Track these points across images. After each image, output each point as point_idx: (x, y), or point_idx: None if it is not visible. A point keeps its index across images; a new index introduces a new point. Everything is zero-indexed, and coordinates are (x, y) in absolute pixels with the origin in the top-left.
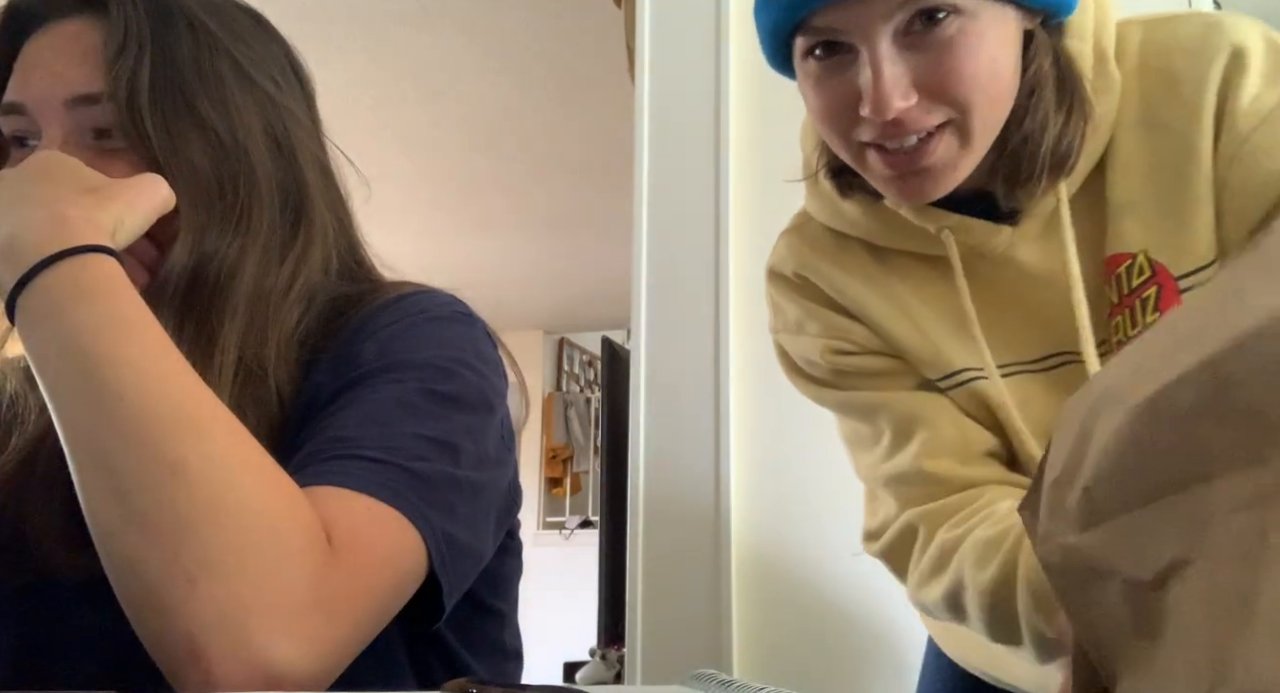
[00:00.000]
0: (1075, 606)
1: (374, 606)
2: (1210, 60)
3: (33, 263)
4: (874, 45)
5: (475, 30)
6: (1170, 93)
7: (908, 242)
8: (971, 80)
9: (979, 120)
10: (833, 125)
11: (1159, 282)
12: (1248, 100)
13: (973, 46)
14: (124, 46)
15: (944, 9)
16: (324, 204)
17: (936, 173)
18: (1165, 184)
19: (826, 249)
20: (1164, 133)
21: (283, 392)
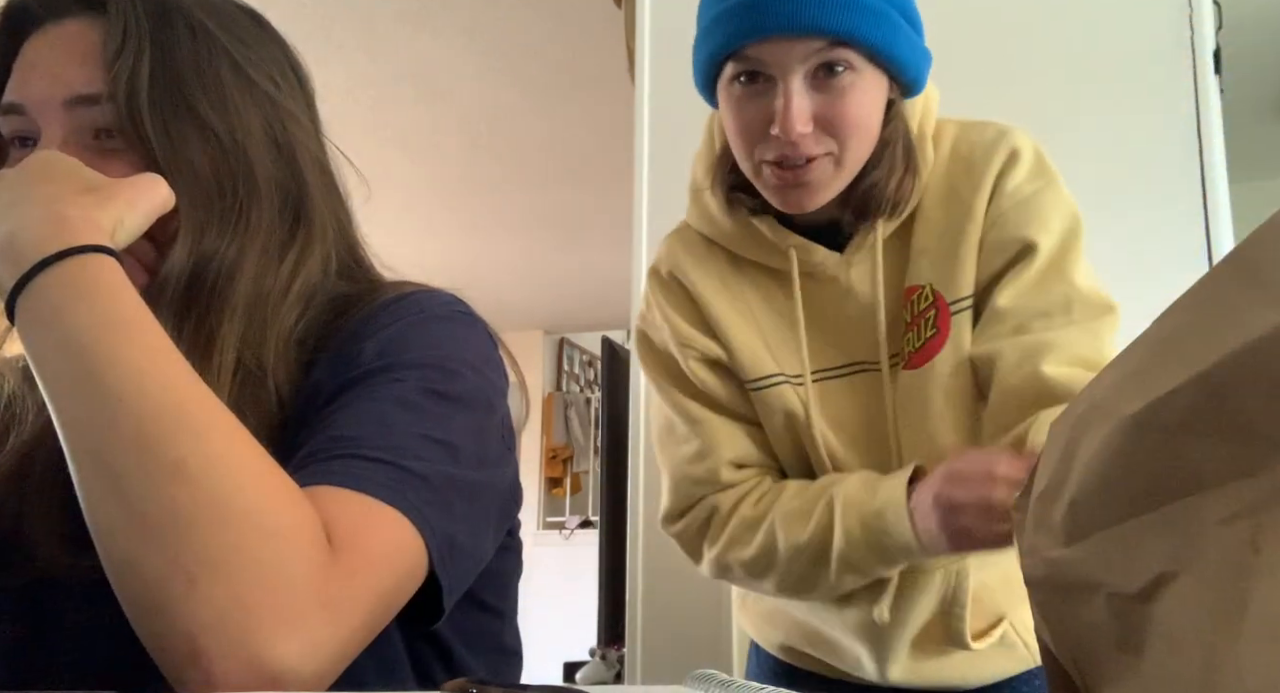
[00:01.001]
0: (1057, 619)
1: (374, 605)
2: (995, 153)
3: (33, 263)
4: (789, 79)
5: (475, 30)
6: (967, 175)
7: (760, 254)
8: (853, 122)
9: (851, 154)
10: (744, 139)
11: (937, 306)
12: (1013, 186)
13: (857, 98)
14: (123, 47)
15: (842, 64)
16: (323, 204)
17: (814, 189)
18: (950, 237)
19: (696, 252)
20: (957, 202)
21: (282, 392)
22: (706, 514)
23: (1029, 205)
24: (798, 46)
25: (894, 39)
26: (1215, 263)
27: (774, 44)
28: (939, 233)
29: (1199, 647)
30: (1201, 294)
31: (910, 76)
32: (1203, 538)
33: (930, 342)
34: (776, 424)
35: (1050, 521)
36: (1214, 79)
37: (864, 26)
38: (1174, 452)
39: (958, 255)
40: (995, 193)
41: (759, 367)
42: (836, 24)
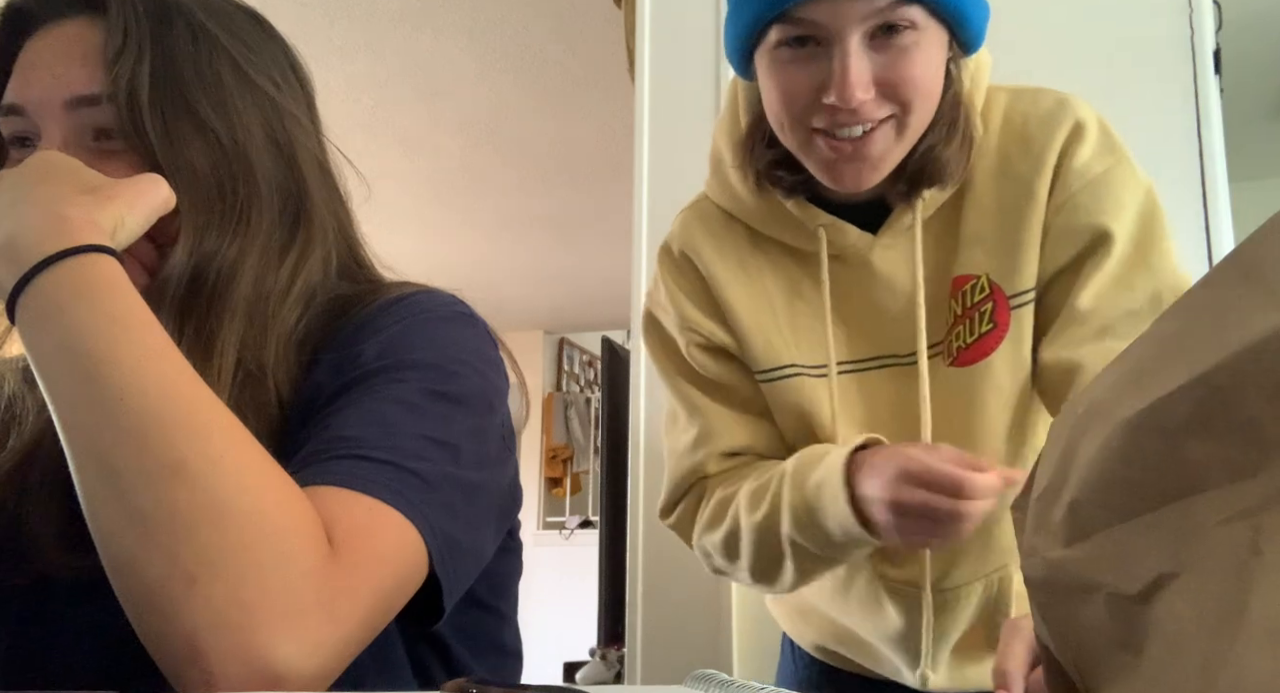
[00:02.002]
0: (1056, 620)
1: (375, 605)
2: (1057, 126)
3: (33, 263)
4: (846, 42)
5: (475, 30)
6: (1024, 150)
7: (785, 233)
8: (918, 84)
9: (916, 119)
10: (790, 108)
11: (994, 299)
12: (1080, 164)
13: (921, 58)
14: (124, 48)
15: (906, 23)
16: (323, 204)
17: (874, 162)
18: (1009, 222)
19: (713, 228)
20: (1013, 182)
21: (282, 392)
22: (695, 501)
23: (1100, 186)
24: (857, 4)
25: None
26: (1215, 263)
27: (828, 3)
28: (993, 216)
29: (1199, 647)
30: (1202, 294)
31: (973, 32)
32: (1203, 539)
33: (986, 337)
34: (789, 417)
35: (1050, 521)
36: (1214, 79)
37: None
38: (1174, 453)
39: (1018, 243)
40: (1060, 172)
41: (772, 356)
42: None
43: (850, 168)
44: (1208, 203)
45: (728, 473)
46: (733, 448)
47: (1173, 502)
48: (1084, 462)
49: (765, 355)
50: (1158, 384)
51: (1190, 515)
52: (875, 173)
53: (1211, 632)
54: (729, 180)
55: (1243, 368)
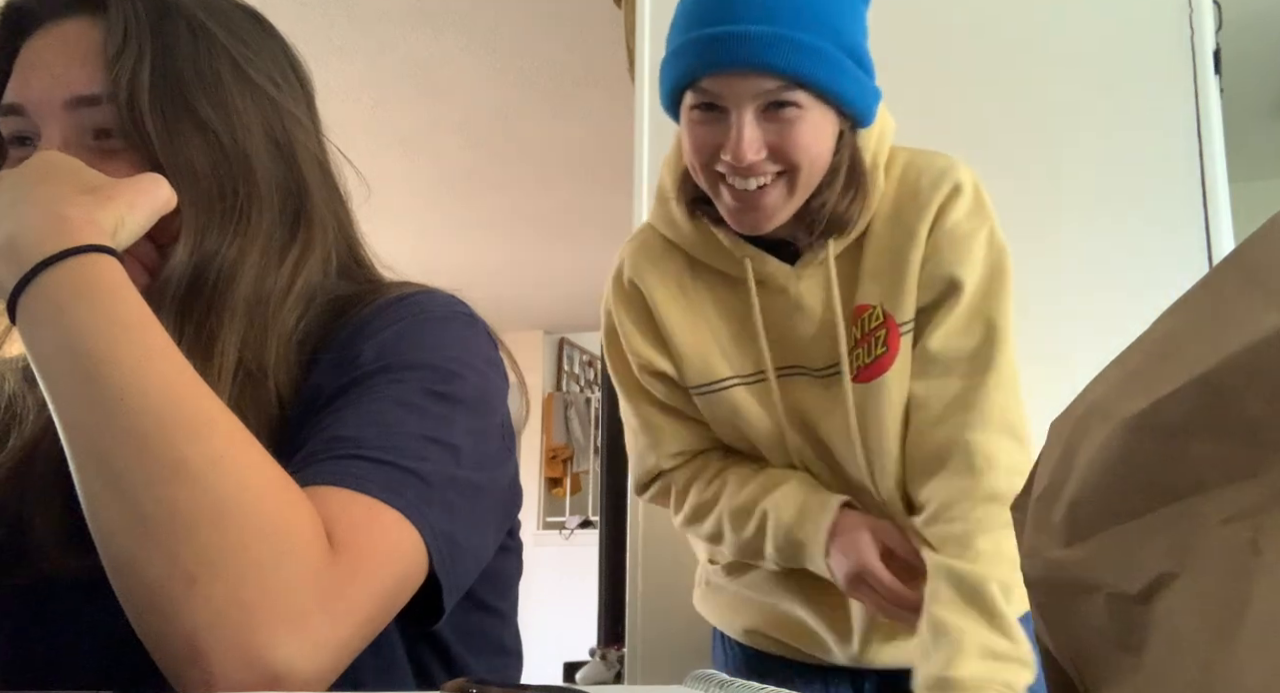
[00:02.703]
0: (1057, 620)
1: (375, 605)
2: (940, 185)
3: (33, 263)
4: (741, 113)
5: (475, 30)
6: (912, 201)
7: (717, 260)
8: (802, 149)
9: (804, 177)
10: (699, 158)
11: (887, 326)
12: (951, 222)
13: (806, 129)
14: (124, 47)
15: (791, 102)
16: (323, 204)
17: (768, 213)
18: (897, 261)
19: (655, 255)
20: (902, 228)
21: (282, 392)
22: (665, 489)
23: (962, 244)
24: (750, 83)
25: (839, 79)
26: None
27: (728, 79)
28: (886, 255)
29: (1199, 648)
30: (1202, 295)
31: (858, 112)
32: (1203, 539)
33: (881, 358)
34: (723, 422)
35: (1050, 521)
36: (1214, 79)
37: (810, 68)
38: (1174, 453)
39: (903, 280)
40: (935, 224)
41: (709, 372)
42: (785, 65)
43: (748, 215)
44: (1208, 203)
45: (688, 472)
46: (679, 450)
47: (1173, 502)
48: (1084, 462)
49: (701, 373)
50: (1158, 384)
51: (1190, 516)
52: (770, 221)
53: (1211, 632)
54: (670, 210)
55: (1243, 368)
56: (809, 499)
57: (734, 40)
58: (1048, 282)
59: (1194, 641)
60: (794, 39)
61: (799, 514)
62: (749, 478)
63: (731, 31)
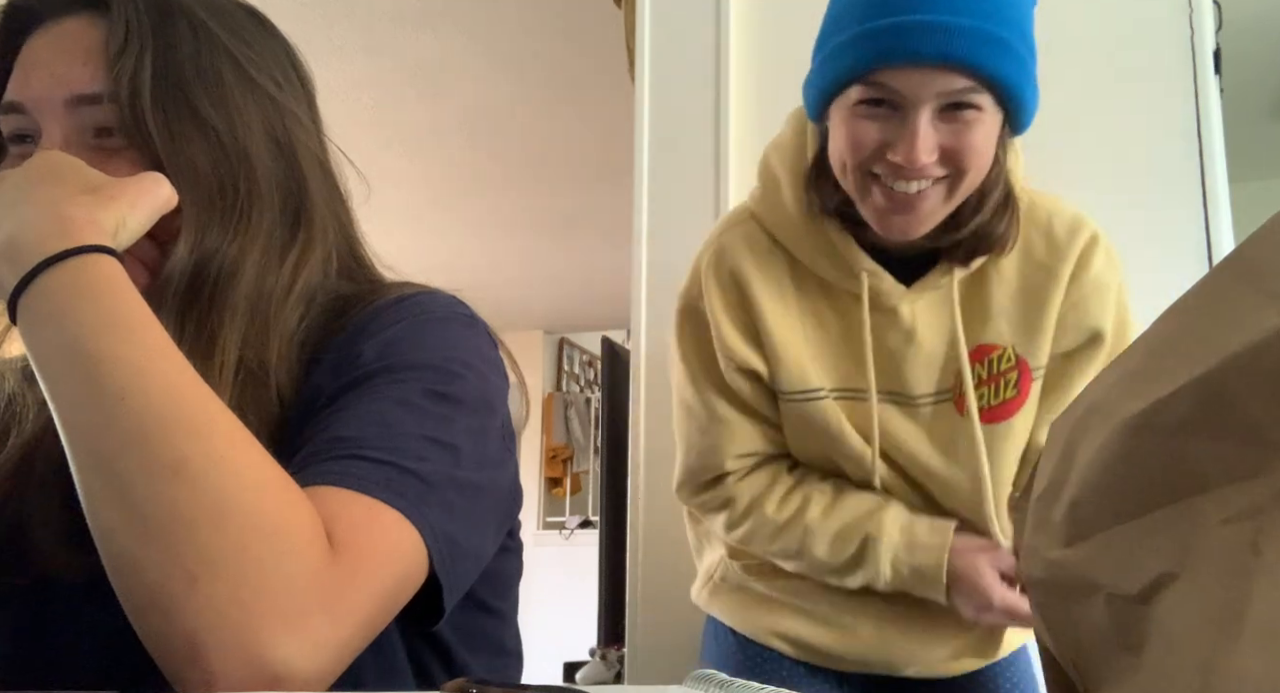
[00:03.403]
0: (1056, 620)
1: (375, 605)
2: (1079, 232)
3: (34, 263)
4: (919, 111)
5: (475, 30)
6: (1048, 243)
7: (828, 270)
8: (975, 155)
9: (966, 184)
10: (856, 155)
11: (1020, 370)
12: (1094, 273)
13: (981, 133)
14: (125, 46)
15: (975, 104)
16: (324, 203)
17: (922, 216)
18: (1032, 304)
19: (758, 251)
20: (1038, 268)
21: (283, 392)
22: (722, 502)
23: (1104, 295)
24: (938, 79)
25: (1026, 82)
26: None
27: (912, 73)
28: (1017, 294)
29: (1198, 648)
30: (1202, 295)
31: (1027, 117)
32: (1203, 539)
33: (1010, 402)
34: (809, 434)
35: (1050, 521)
36: (1214, 79)
37: (1006, 68)
38: (1174, 453)
39: (1041, 326)
40: (1078, 272)
41: (803, 380)
42: (981, 63)
43: (900, 219)
44: (1208, 203)
45: (755, 485)
46: (748, 451)
47: (1173, 502)
48: (1084, 462)
49: (796, 380)
50: (1158, 384)
51: (1190, 516)
52: (921, 227)
53: (1211, 632)
54: (783, 205)
55: (1243, 368)
56: (917, 525)
57: (926, 30)
58: None
59: (1194, 641)
60: (990, 33)
61: (909, 541)
62: (838, 499)
63: (924, 21)
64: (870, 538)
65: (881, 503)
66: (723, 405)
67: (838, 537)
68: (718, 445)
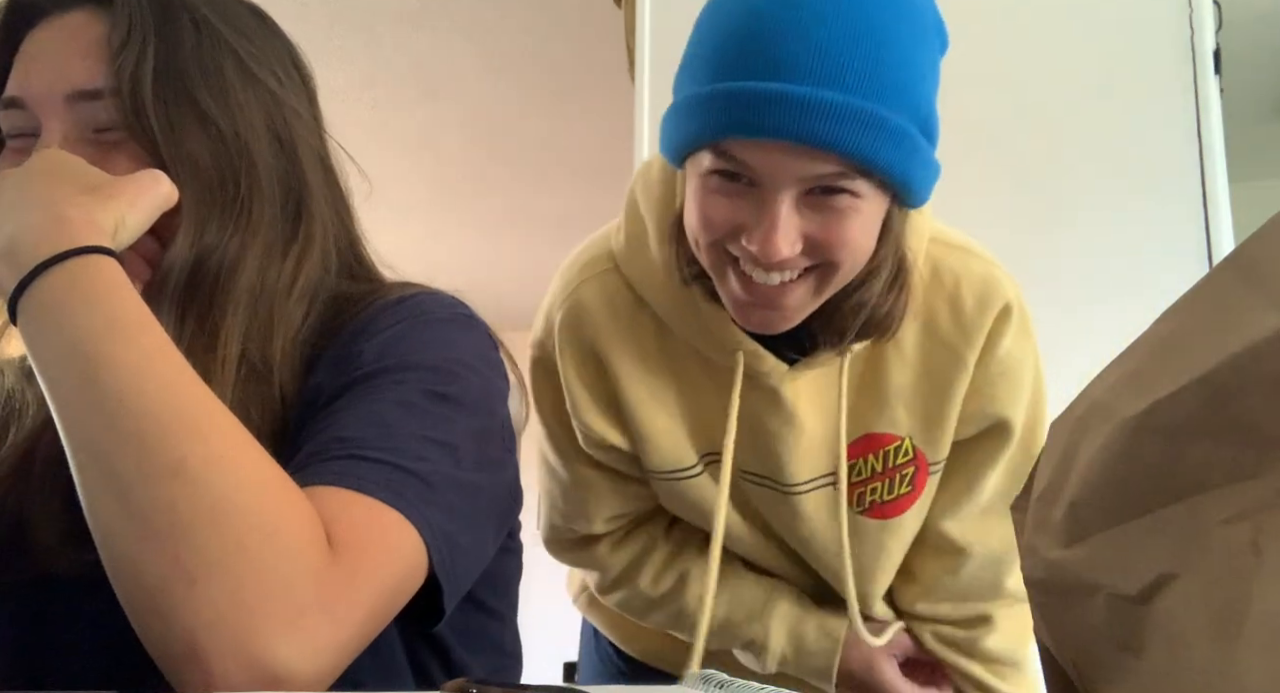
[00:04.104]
0: (1056, 621)
1: (375, 606)
2: (990, 303)
3: (32, 265)
4: (778, 196)
5: (475, 30)
6: (954, 316)
7: (701, 341)
8: (850, 246)
9: (840, 276)
10: (708, 234)
11: (917, 464)
12: (1003, 351)
13: (858, 222)
14: (128, 40)
15: (849, 191)
16: (324, 200)
17: (787, 312)
18: (935, 389)
19: (621, 311)
20: (943, 347)
21: (286, 390)
22: (594, 566)
23: (1013, 376)
24: (802, 162)
25: (912, 163)
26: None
27: (770, 150)
28: (919, 376)
29: (1199, 648)
30: (1202, 295)
31: (918, 195)
32: (1203, 540)
33: (903, 498)
34: (680, 508)
35: (1050, 522)
36: (1214, 79)
37: (883, 150)
38: (1175, 453)
39: (943, 416)
40: (984, 355)
41: (672, 460)
42: (855, 145)
43: (759, 314)
44: (1208, 203)
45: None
46: (617, 513)
47: (1173, 502)
48: (1084, 462)
49: (664, 460)
50: (1158, 385)
51: (1190, 516)
52: (785, 322)
53: (1211, 632)
54: (650, 261)
55: (1243, 368)
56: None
57: (783, 103)
58: (1047, 282)
59: (1194, 641)
60: (862, 111)
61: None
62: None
63: (781, 91)
64: (755, 643)
65: (768, 597)
66: (586, 470)
67: (721, 629)
68: (583, 510)
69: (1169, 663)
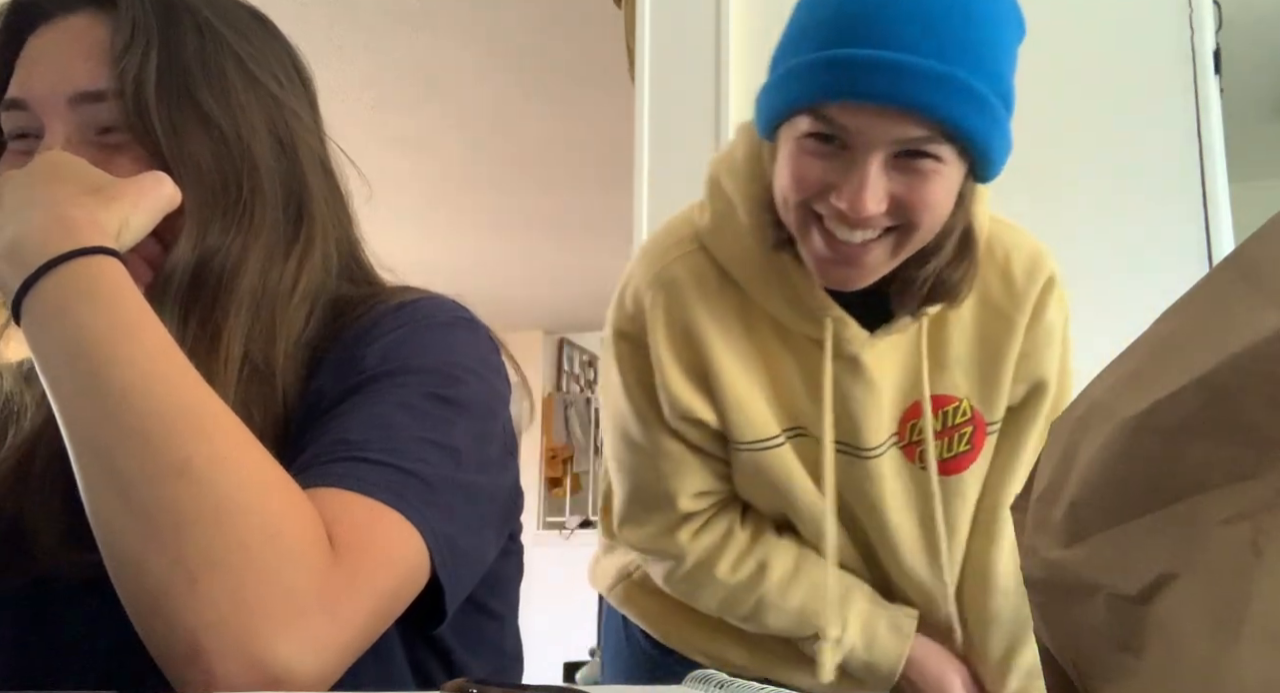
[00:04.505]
0: (1056, 621)
1: (376, 607)
2: (1038, 275)
3: (37, 265)
4: (870, 156)
5: (475, 30)
6: (1005, 286)
7: (783, 311)
8: (930, 208)
9: (917, 237)
10: (798, 193)
11: (974, 424)
12: (1048, 320)
13: (939, 185)
14: (131, 42)
15: (934, 155)
16: (325, 203)
17: (865, 270)
18: (989, 354)
19: (709, 291)
20: (995, 315)
21: (288, 392)
22: (669, 555)
23: (1054, 342)
24: (894, 124)
25: (993, 132)
26: (1215, 263)
27: (866, 113)
28: (974, 341)
29: (1199, 648)
30: (1202, 295)
31: (994, 167)
32: (1203, 540)
33: (962, 456)
34: (753, 481)
35: (1050, 521)
36: (1214, 79)
37: (971, 117)
38: (1175, 453)
39: (998, 380)
40: (1033, 320)
41: (757, 430)
42: (946, 110)
43: (840, 270)
44: (1208, 203)
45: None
46: (704, 489)
47: (1173, 502)
48: (1084, 462)
49: (750, 429)
50: (1158, 385)
51: (1190, 516)
52: (863, 280)
53: (1212, 633)
54: (739, 236)
55: (1243, 369)
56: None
57: (883, 69)
58: None
59: (1194, 641)
60: (955, 79)
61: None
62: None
63: (882, 58)
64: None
65: (846, 589)
66: (672, 443)
67: (797, 618)
68: (668, 487)
69: (1169, 663)
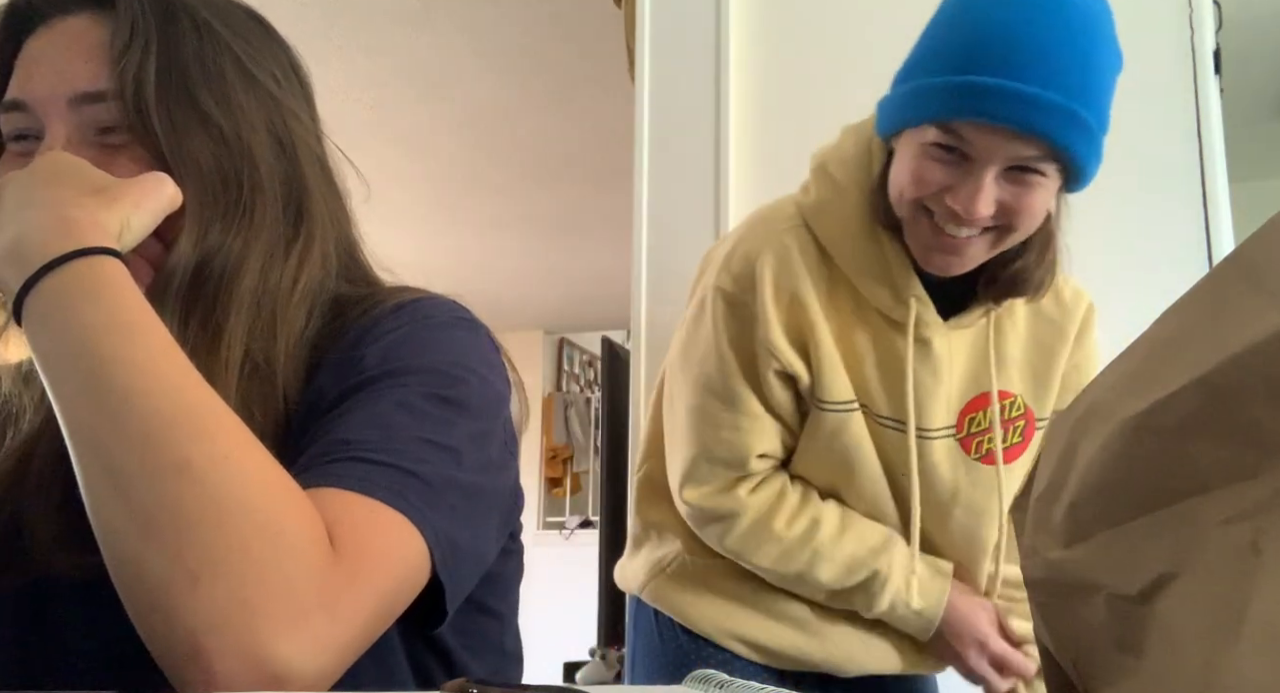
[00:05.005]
0: (1057, 620)
1: (376, 607)
2: (1081, 298)
3: (38, 265)
4: (988, 168)
5: (475, 30)
6: (1055, 301)
7: (871, 288)
8: (1032, 215)
9: (1014, 237)
10: (916, 191)
11: (1027, 418)
12: (1093, 339)
13: (1040, 197)
14: (130, 43)
15: (1042, 171)
16: (324, 202)
17: (964, 260)
18: (1041, 357)
19: (810, 262)
20: (1047, 323)
21: (289, 392)
22: (726, 512)
23: (1095, 367)
24: (1014, 144)
25: (1092, 156)
26: (1215, 263)
27: (991, 133)
28: (1027, 344)
29: (1199, 648)
30: (1202, 295)
31: (1085, 183)
32: (1203, 540)
33: (1014, 447)
34: (821, 449)
35: (1050, 522)
36: (1214, 79)
37: (1078, 143)
38: (1175, 454)
39: (1049, 380)
40: (1081, 335)
41: (843, 391)
42: (1060, 137)
43: (942, 258)
44: (1208, 203)
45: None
46: (768, 451)
47: (1173, 503)
48: (1084, 462)
49: (838, 390)
50: (1158, 385)
51: (1190, 516)
52: (961, 268)
53: (1211, 633)
54: (846, 217)
55: (1242, 369)
56: (919, 565)
57: (1016, 99)
58: None
59: (1194, 641)
60: (1070, 111)
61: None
62: (846, 524)
63: (1015, 90)
64: (879, 574)
65: (890, 537)
66: (754, 402)
67: (847, 565)
68: (745, 442)
69: (1169, 663)
